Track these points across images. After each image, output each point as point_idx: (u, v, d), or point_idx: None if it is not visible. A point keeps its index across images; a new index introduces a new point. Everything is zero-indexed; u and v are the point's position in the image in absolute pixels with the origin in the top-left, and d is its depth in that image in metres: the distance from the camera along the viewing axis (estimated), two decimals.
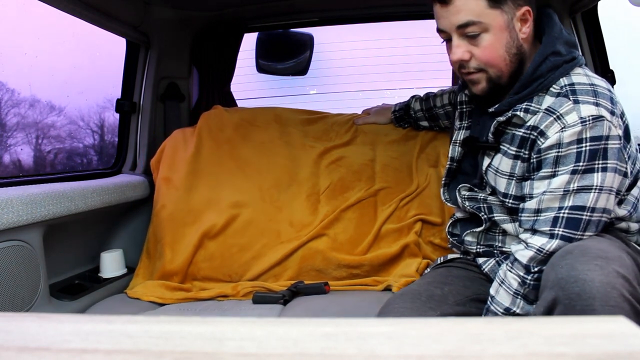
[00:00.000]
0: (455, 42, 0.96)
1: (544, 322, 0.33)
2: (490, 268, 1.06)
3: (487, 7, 0.92)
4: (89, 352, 0.30)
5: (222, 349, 0.30)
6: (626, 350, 0.29)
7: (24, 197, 1.14)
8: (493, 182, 1.03)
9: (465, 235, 1.13)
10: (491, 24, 0.93)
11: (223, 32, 1.91)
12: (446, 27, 0.97)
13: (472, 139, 1.08)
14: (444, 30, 0.98)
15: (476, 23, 0.93)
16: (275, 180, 1.60)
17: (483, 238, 1.11)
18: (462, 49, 0.96)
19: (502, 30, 0.94)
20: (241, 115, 1.75)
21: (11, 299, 1.11)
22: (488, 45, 0.94)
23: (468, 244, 1.13)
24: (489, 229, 1.10)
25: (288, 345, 0.31)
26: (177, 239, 1.54)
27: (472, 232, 1.12)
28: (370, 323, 0.34)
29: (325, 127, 1.70)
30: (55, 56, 2.05)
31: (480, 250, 1.10)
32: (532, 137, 0.95)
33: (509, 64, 0.96)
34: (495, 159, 1.02)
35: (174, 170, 1.63)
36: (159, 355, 0.30)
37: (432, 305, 0.92)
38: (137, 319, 0.36)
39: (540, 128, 0.93)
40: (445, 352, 0.29)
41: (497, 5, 0.92)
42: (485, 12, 0.92)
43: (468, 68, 0.98)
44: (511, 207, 1.01)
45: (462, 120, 1.12)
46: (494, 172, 1.03)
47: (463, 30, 0.95)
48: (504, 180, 1.01)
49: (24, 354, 0.30)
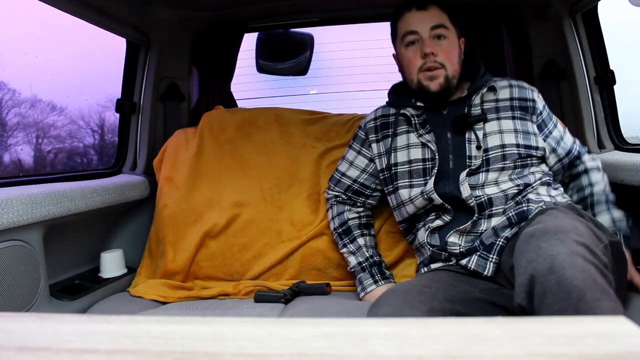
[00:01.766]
0: (427, 42, 1.23)
1: (544, 322, 0.33)
2: (476, 263, 1.11)
3: (448, 21, 1.26)
4: (89, 352, 0.30)
5: (222, 349, 0.30)
6: (626, 350, 0.29)
7: (24, 197, 1.14)
8: (500, 141, 1.22)
9: (448, 238, 1.17)
10: (450, 35, 1.26)
11: (223, 32, 1.91)
12: (420, 28, 1.24)
13: (463, 117, 1.25)
14: (416, 31, 1.24)
15: (444, 27, 1.24)
16: (276, 179, 1.60)
17: (465, 235, 1.17)
18: (432, 45, 1.23)
19: (455, 43, 1.27)
20: (242, 116, 1.75)
21: (11, 299, 1.11)
22: (448, 48, 1.25)
23: (451, 245, 1.16)
24: (475, 221, 1.16)
25: (288, 345, 0.31)
26: (179, 238, 1.55)
27: (455, 231, 1.17)
28: (371, 323, 0.34)
29: (326, 127, 1.71)
30: (56, 56, 2.06)
31: (463, 250, 1.15)
32: (520, 104, 1.28)
33: (457, 69, 1.27)
34: (489, 125, 1.24)
35: (176, 170, 1.64)
36: (159, 355, 0.30)
37: (423, 300, 0.95)
38: (137, 319, 0.36)
39: (526, 97, 1.29)
40: (445, 352, 0.29)
41: (453, 23, 1.27)
42: (447, 23, 1.26)
43: (433, 62, 1.23)
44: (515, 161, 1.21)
45: (421, 129, 1.28)
46: (499, 133, 1.23)
47: (434, 31, 1.24)
48: (512, 134, 1.23)
49: (24, 354, 0.30)
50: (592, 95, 1.68)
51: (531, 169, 1.24)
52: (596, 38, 1.66)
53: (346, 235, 1.40)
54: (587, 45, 1.68)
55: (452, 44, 1.26)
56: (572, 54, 1.69)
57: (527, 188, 1.19)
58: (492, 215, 1.16)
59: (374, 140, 1.37)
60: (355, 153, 1.41)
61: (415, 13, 1.25)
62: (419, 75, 1.25)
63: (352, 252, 1.38)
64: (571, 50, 1.69)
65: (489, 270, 1.09)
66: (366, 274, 1.34)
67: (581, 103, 1.68)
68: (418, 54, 1.24)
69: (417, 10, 1.25)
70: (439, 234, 1.21)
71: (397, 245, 1.49)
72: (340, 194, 1.43)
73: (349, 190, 1.41)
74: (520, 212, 1.13)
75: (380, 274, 1.34)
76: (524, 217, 1.12)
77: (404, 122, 1.32)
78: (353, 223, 1.41)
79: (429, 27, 1.23)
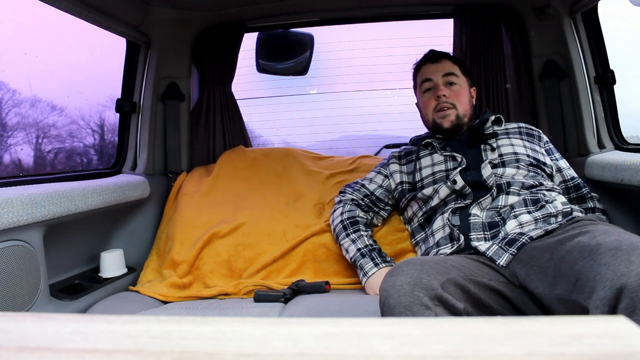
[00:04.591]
0: (440, 87, 1.46)
1: (544, 322, 0.33)
2: (494, 252, 1.14)
3: (460, 71, 1.50)
4: (89, 352, 0.30)
5: (222, 348, 0.30)
6: (626, 350, 0.29)
7: (24, 197, 1.14)
8: (512, 150, 1.38)
9: (471, 210, 1.25)
10: (461, 82, 1.49)
11: (223, 32, 1.91)
12: (434, 76, 1.48)
13: (477, 132, 1.44)
14: (431, 79, 1.48)
15: (454, 75, 1.48)
16: (285, 196, 1.73)
17: (486, 211, 1.25)
18: (444, 89, 1.46)
19: (465, 89, 1.50)
20: (259, 152, 1.95)
21: (11, 299, 1.11)
22: (458, 92, 1.47)
23: (474, 217, 1.23)
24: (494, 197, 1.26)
25: (288, 345, 0.31)
26: (187, 237, 1.63)
27: (477, 204, 1.25)
28: (371, 323, 0.34)
29: (332, 162, 1.91)
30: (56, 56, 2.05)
31: (485, 222, 1.22)
32: (528, 132, 1.48)
33: (468, 110, 1.48)
34: (501, 141, 1.42)
35: (195, 190, 1.78)
36: (159, 355, 0.30)
37: (439, 271, 0.95)
38: (137, 319, 0.36)
39: (532, 129, 1.50)
40: (445, 352, 0.29)
41: (464, 74, 1.51)
42: (458, 72, 1.49)
43: (444, 103, 1.45)
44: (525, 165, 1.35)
45: (442, 150, 1.46)
46: (510, 146, 1.40)
47: (446, 78, 1.47)
48: (522, 149, 1.40)
49: (24, 354, 0.30)
50: (592, 95, 1.68)
51: (542, 179, 1.33)
52: (596, 38, 1.66)
53: (352, 226, 1.45)
54: (587, 45, 1.68)
55: (462, 89, 1.48)
56: (572, 53, 1.69)
57: (541, 187, 1.29)
58: (510, 193, 1.26)
59: (394, 163, 1.54)
60: (375, 173, 1.57)
61: (430, 65, 1.51)
62: (434, 115, 1.47)
63: (353, 240, 1.42)
64: (571, 50, 1.69)
65: (504, 260, 1.10)
66: (366, 259, 1.36)
67: (581, 103, 1.68)
68: (433, 97, 1.47)
69: (432, 63, 1.51)
70: (460, 215, 1.27)
71: (398, 244, 1.52)
72: (357, 199, 1.51)
73: (365, 200, 1.52)
74: (535, 199, 1.23)
75: (380, 257, 1.36)
76: (538, 203, 1.22)
77: (426, 149, 1.49)
78: (361, 220, 1.47)
79: (441, 74, 1.47)
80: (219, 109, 1.98)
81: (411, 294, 0.87)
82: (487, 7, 1.83)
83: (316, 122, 3.18)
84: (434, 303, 0.87)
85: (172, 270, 1.56)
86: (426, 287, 0.88)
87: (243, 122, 2.09)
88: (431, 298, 0.87)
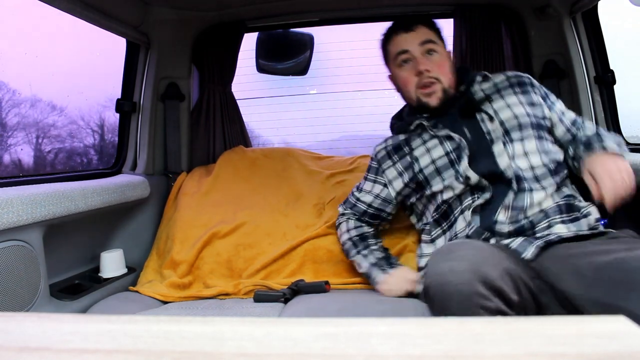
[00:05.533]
0: (419, 59, 1.29)
1: (544, 322, 0.33)
2: (519, 244, 1.07)
3: (436, 36, 1.33)
4: (89, 352, 0.30)
5: (222, 348, 0.30)
6: (626, 350, 0.29)
7: (24, 197, 1.14)
8: (511, 113, 1.26)
9: (497, 217, 1.14)
10: (439, 49, 1.32)
11: (223, 32, 1.91)
12: (410, 47, 1.30)
13: (469, 101, 1.30)
14: (407, 50, 1.30)
15: (433, 42, 1.30)
16: (284, 197, 1.73)
17: (510, 210, 1.15)
18: (425, 62, 1.29)
19: (445, 56, 1.33)
20: (259, 152, 1.94)
21: (11, 299, 1.11)
22: (440, 62, 1.30)
23: (500, 224, 1.14)
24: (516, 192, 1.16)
25: (288, 345, 0.31)
26: (187, 237, 1.63)
27: (502, 207, 1.15)
28: (371, 323, 0.34)
29: (332, 163, 1.91)
30: (56, 56, 2.05)
31: (511, 229, 1.13)
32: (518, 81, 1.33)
33: (452, 79, 1.32)
34: (496, 103, 1.29)
35: (195, 190, 1.78)
36: (159, 355, 0.30)
37: (495, 260, 0.91)
38: (137, 319, 0.36)
39: (522, 76, 1.35)
40: (445, 352, 0.29)
41: (440, 38, 1.35)
42: (436, 39, 1.32)
43: (428, 78, 1.28)
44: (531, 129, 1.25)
45: (434, 128, 1.31)
46: (507, 107, 1.28)
47: (424, 47, 1.29)
48: (519, 106, 1.28)
49: (24, 354, 0.30)
50: (592, 95, 1.68)
51: (550, 145, 1.25)
52: (596, 38, 1.66)
53: (362, 241, 1.42)
54: (587, 45, 1.68)
55: (443, 57, 1.32)
56: (572, 53, 1.69)
57: (559, 170, 1.22)
58: (533, 190, 1.16)
59: (388, 166, 1.39)
60: (371, 183, 1.44)
61: (403, 34, 1.32)
62: (417, 93, 1.31)
63: (364, 255, 1.39)
64: (571, 50, 1.69)
65: (530, 253, 1.04)
66: (377, 270, 1.35)
67: (581, 103, 1.68)
68: (412, 72, 1.30)
69: (405, 32, 1.32)
70: (481, 214, 1.19)
71: (398, 243, 1.52)
72: (358, 214, 1.46)
73: (365, 215, 1.45)
74: (568, 205, 1.15)
75: (388, 265, 1.35)
76: (573, 210, 1.15)
77: (416, 136, 1.34)
78: (369, 234, 1.44)
79: (417, 43, 1.29)
80: (219, 109, 1.98)
81: (469, 284, 0.82)
82: (487, 7, 1.83)
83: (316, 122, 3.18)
84: (492, 294, 0.84)
85: (172, 270, 1.57)
86: (485, 276, 0.84)
87: (243, 122, 2.09)
88: (489, 289, 0.84)
